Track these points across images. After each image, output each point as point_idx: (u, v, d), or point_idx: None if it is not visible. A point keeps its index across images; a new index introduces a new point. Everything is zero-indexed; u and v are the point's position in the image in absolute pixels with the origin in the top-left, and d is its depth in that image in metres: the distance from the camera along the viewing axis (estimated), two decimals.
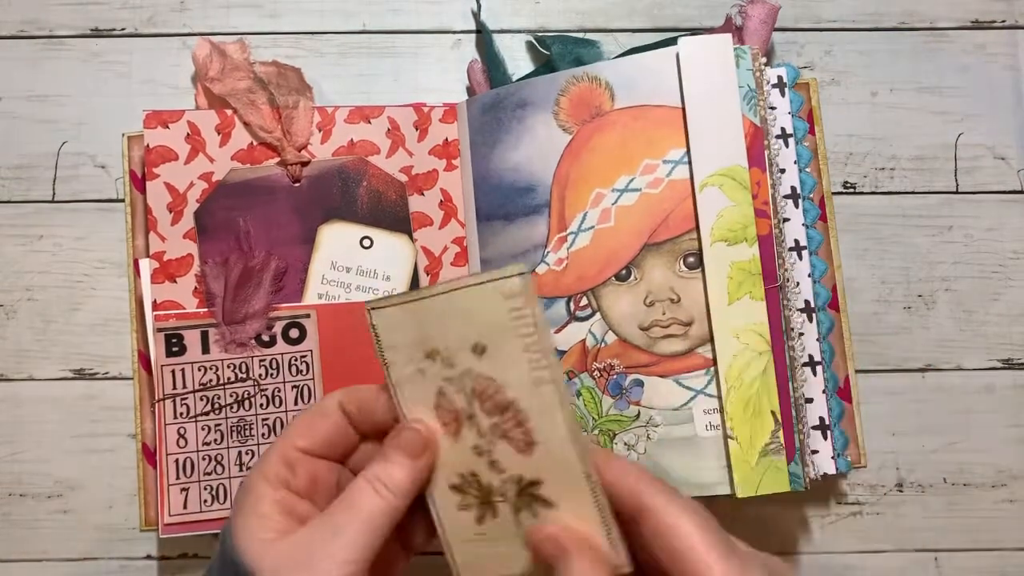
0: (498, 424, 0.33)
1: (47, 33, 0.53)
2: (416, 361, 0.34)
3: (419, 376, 0.34)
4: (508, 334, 0.32)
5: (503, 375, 0.32)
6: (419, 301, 0.33)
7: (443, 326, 0.33)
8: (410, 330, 0.34)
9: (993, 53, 0.53)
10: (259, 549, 0.33)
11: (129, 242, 0.50)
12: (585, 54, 0.51)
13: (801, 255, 0.49)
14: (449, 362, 0.33)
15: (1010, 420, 0.51)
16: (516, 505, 0.33)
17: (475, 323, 0.32)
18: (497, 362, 0.32)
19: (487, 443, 0.33)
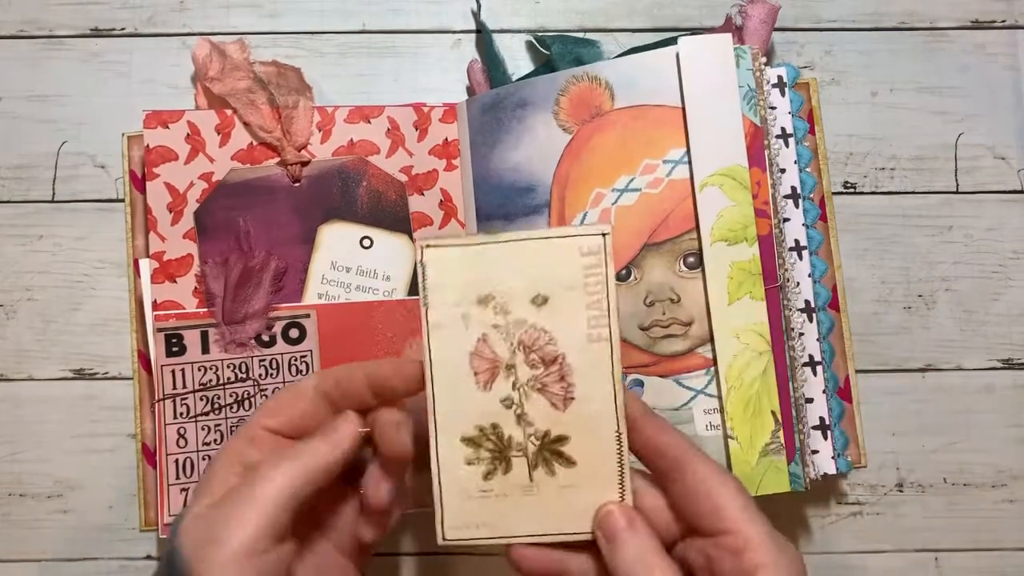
0: (538, 377, 0.34)
1: (47, 33, 0.53)
2: (464, 304, 0.34)
3: (461, 321, 0.34)
4: (576, 290, 0.33)
5: (559, 329, 0.34)
6: (484, 245, 0.34)
7: (506, 273, 0.34)
8: (465, 273, 0.34)
9: (993, 53, 0.53)
10: (187, 523, 0.33)
11: (129, 242, 0.50)
12: (585, 54, 0.51)
13: (801, 255, 0.49)
14: (503, 309, 0.34)
15: (1010, 420, 0.51)
16: (534, 460, 0.34)
17: (543, 275, 0.34)
18: (556, 315, 0.34)
19: (521, 396, 0.34)
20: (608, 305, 0.33)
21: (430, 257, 0.34)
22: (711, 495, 0.32)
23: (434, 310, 0.34)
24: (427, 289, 0.34)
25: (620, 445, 0.33)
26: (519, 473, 0.34)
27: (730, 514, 0.31)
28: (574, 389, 0.34)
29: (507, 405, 0.34)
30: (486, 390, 0.34)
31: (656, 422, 0.34)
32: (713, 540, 0.32)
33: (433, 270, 0.34)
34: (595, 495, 0.34)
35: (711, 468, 0.33)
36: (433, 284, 0.34)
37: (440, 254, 0.34)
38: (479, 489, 0.34)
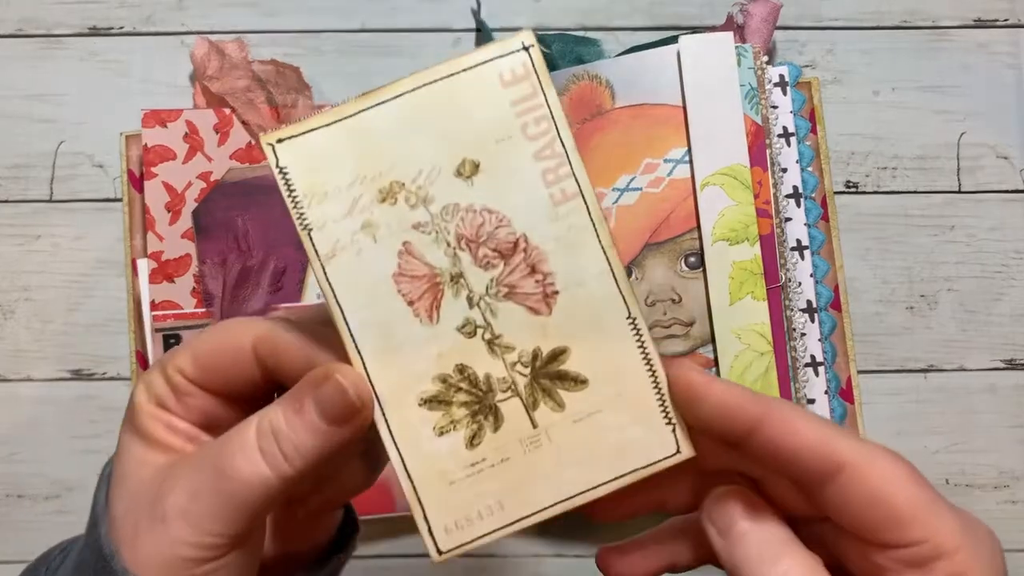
0: (500, 279, 0.25)
1: (45, 32, 0.53)
2: (360, 210, 0.24)
3: (365, 236, 0.24)
4: (512, 139, 0.24)
5: (507, 201, 0.24)
6: (362, 113, 0.24)
7: (408, 144, 0.24)
8: (348, 161, 0.24)
9: (995, 52, 0.53)
10: (115, 487, 0.26)
11: (127, 242, 0.50)
12: (585, 53, 0.51)
13: (803, 255, 0.48)
14: (420, 197, 0.24)
15: (1013, 421, 0.51)
16: (531, 397, 0.25)
17: (461, 131, 0.24)
18: (497, 183, 0.24)
19: (484, 313, 0.25)
20: (564, 145, 0.24)
21: (288, 156, 0.24)
22: (885, 502, 0.23)
23: (320, 232, 0.24)
24: (298, 204, 0.24)
25: (640, 335, 0.24)
26: (515, 421, 0.25)
27: (913, 521, 0.23)
28: (554, 278, 0.24)
29: (468, 333, 0.24)
30: (432, 322, 0.24)
31: (759, 404, 0.24)
32: (886, 552, 0.23)
33: (299, 172, 0.24)
34: (627, 415, 0.25)
35: (873, 458, 0.23)
36: (305, 192, 0.24)
37: (302, 146, 0.24)
38: (466, 465, 0.25)
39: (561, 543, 0.50)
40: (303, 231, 0.24)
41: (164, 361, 0.27)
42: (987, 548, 0.23)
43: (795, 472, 0.24)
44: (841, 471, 0.23)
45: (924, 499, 0.23)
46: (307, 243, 0.24)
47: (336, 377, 0.24)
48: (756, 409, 0.24)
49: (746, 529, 0.24)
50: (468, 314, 0.24)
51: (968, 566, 0.22)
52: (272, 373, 0.26)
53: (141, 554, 0.25)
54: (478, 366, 0.25)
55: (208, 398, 0.27)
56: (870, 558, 0.24)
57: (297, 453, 0.24)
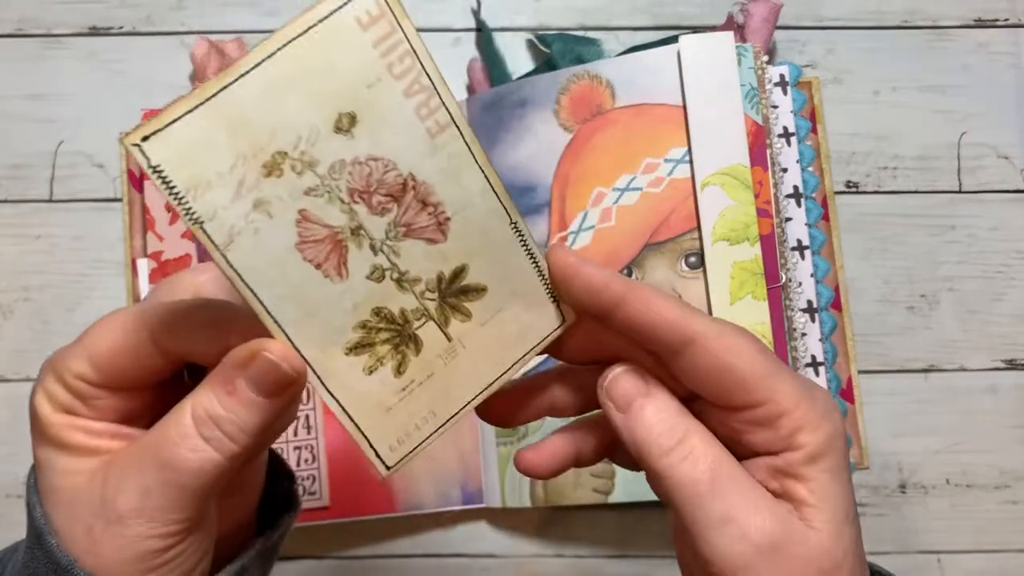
0: (396, 221, 0.25)
1: (45, 32, 0.53)
2: (248, 190, 0.23)
3: (260, 215, 0.24)
4: (381, 81, 0.24)
5: (387, 145, 0.25)
6: (225, 90, 0.23)
7: (280, 111, 0.23)
8: (221, 146, 0.23)
9: (996, 52, 0.53)
10: (48, 502, 0.27)
11: (127, 241, 0.50)
12: (586, 52, 0.51)
13: (804, 255, 0.48)
14: (305, 162, 0.24)
15: (1014, 421, 0.51)
16: (442, 317, 0.27)
17: (328, 86, 0.24)
18: (376, 130, 0.24)
19: (388, 255, 0.26)
20: (429, 77, 0.24)
21: (158, 152, 0.22)
22: (731, 369, 0.26)
23: (212, 223, 0.23)
24: (182, 200, 0.22)
25: (522, 236, 0.27)
26: (433, 341, 0.27)
27: (757, 385, 0.26)
28: (444, 207, 0.25)
29: (377, 278, 0.25)
30: (342, 278, 0.25)
31: (644, 295, 0.26)
32: (738, 415, 0.26)
33: (174, 166, 0.22)
34: (521, 306, 0.28)
35: (720, 332, 0.26)
36: (187, 186, 0.22)
37: (170, 139, 0.22)
38: (398, 390, 0.27)
39: (561, 543, 0.50)
40: (194, 226, 0.23)
41: (59, 368, 0.27)
42: (822, 404, 0.26)
43: (653, 345, 0.27)
44: (692, 343, 0.26)
45: (766, 366, 0.26)
46: (202, 237, 0.23)
47: (264, 354, 0.24)
48: (620, 287, 0.26)
49: (643, 403, 0.27)
50: (374, 261, 0.26)
51: (807, 419, 0.26)
52: (178, 357, 0.26)
53: (104, 558, 0.25)
54: (392, 304, 0.26)
55: (116, 396, 0.27)
56: (727, 423, 0.27)
57: (241, 432, 0.25)
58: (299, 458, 0.48)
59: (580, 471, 0.46)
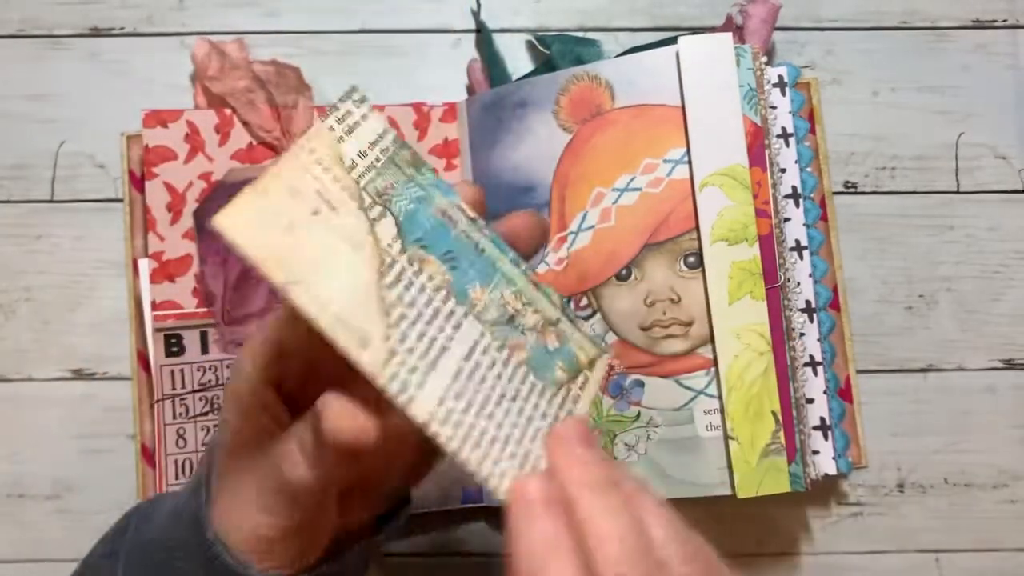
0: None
1: (46, 32, 0.53)
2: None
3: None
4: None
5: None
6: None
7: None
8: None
9: (994, 53, 0.53)
10: (219, 457, 0.31)
11: (128, 242, 0.50)
12: (585, 53, 0.51)
13: (802, 255, 0.48)
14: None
15: (1012, 421, 0.51)
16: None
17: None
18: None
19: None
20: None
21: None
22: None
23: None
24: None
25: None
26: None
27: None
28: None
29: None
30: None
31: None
32: None
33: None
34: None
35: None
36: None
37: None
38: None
39: None
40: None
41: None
42: None
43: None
44: None
45: None
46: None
47: (323, 417, 0.27)
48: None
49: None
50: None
51: None
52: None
53: (230, 525, 0.30)
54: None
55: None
56: None
57: (329, 462, 0.28)
58: None
59: None
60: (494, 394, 0.29)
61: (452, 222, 0.30)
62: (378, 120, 0.30)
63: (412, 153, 0.30)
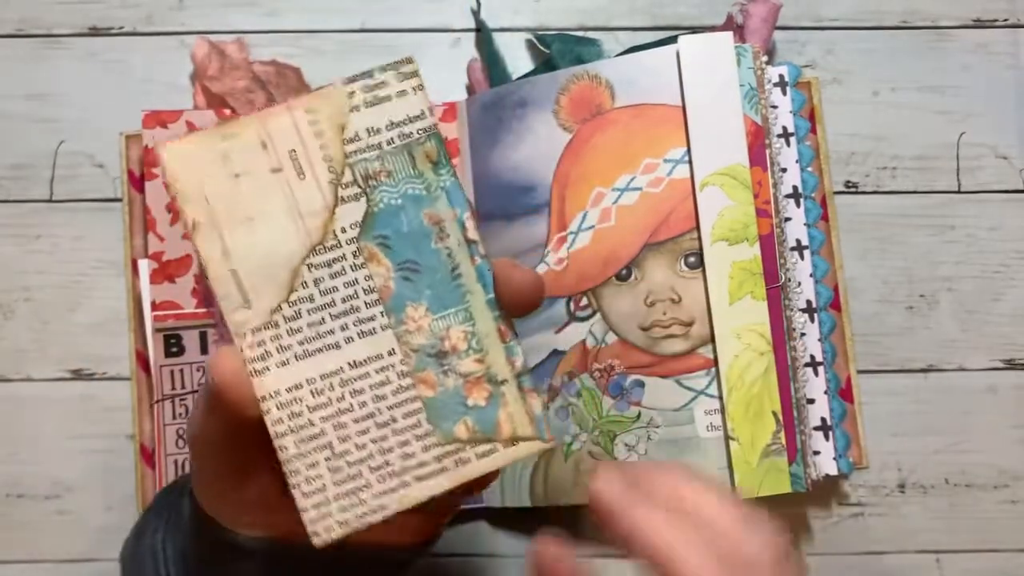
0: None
1: (45, 32, 0.53)
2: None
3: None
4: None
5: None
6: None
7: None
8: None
9: (995, 52, 0.53)
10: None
11: (127, 242, 0.50)
12: (585, 53, 0.51)
13: (803, 255, 0.48)
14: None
15: (1013, 421, 0.51)
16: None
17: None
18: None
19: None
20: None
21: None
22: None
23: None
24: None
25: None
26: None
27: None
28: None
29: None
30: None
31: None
32: None
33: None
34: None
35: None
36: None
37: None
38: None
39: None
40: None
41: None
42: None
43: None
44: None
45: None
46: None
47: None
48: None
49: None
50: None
51: None
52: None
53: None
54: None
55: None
56: None
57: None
58: None
59: (580, 470, 0.46)
60: (361, 411, 0.27)
61: (441, 234, 0.27)
62: (419, 101, 0.27)
63: (438, 150, 0.27)
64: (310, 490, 0.27)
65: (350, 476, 0.27)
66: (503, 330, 0.28)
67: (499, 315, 0.28)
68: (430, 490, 0.27)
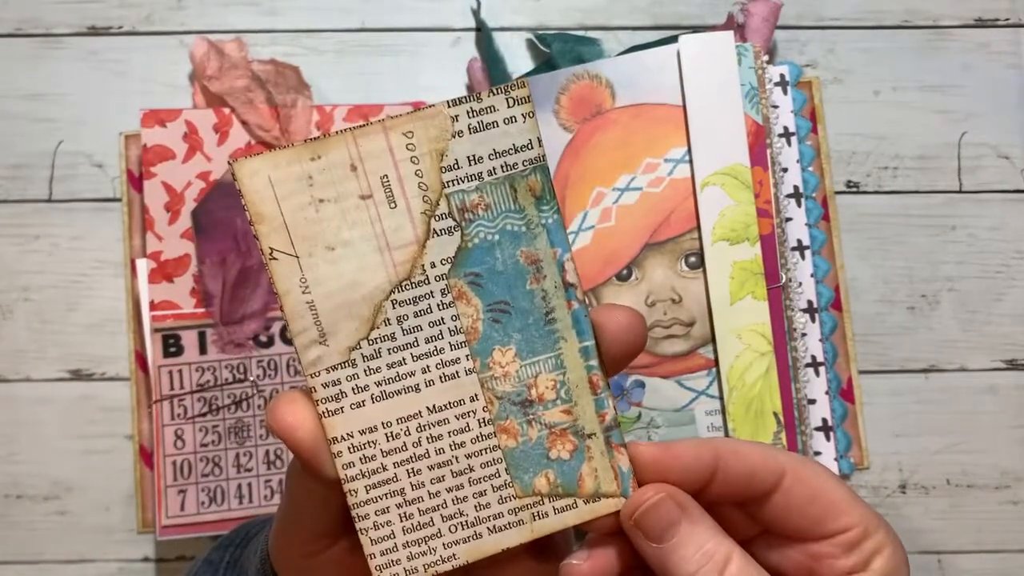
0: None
1: (44, 31, 0.53)
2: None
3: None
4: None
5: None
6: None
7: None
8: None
9: (996, 52, 0.53)
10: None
11: (126, 242, 0.50)
12: (586, 52, 0.51)
13: (804, 255, 0.48)
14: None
15: (1014, 421, 0.51)
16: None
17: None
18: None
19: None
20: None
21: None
22: (823, 494, 0.26)
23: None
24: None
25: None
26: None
27: (848, 510, 0.26)
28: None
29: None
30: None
31: (709, 447, 0.26)
32: (825, 542, 0.26)
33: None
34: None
35: (803, 461, 0.27)
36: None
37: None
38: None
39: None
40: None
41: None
42: (892, 529, 0.27)
43: (751, 492, 0.26)
44: (784, 476, 0.26)
45: (849, 492, 0.27)
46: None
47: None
48: (709, 453, 0.26)
49: (688, 531, 0.25)
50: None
51: (886, 541, 0.26)
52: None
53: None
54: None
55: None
56: (808, 551, 0.27)
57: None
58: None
59: None
60: (437, 457, 0.25)
61: (537, 275, 0.25)
62: (527, 129, 0.25)
63: (543, 184, 0.25)
64: (378, 536, 0.25)
65: (421, 524, 0.26)
66: (595, 381, 0.26)
67: (593, 364, 0.26)
68: (504, 543, 0.26)
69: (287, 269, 0.24)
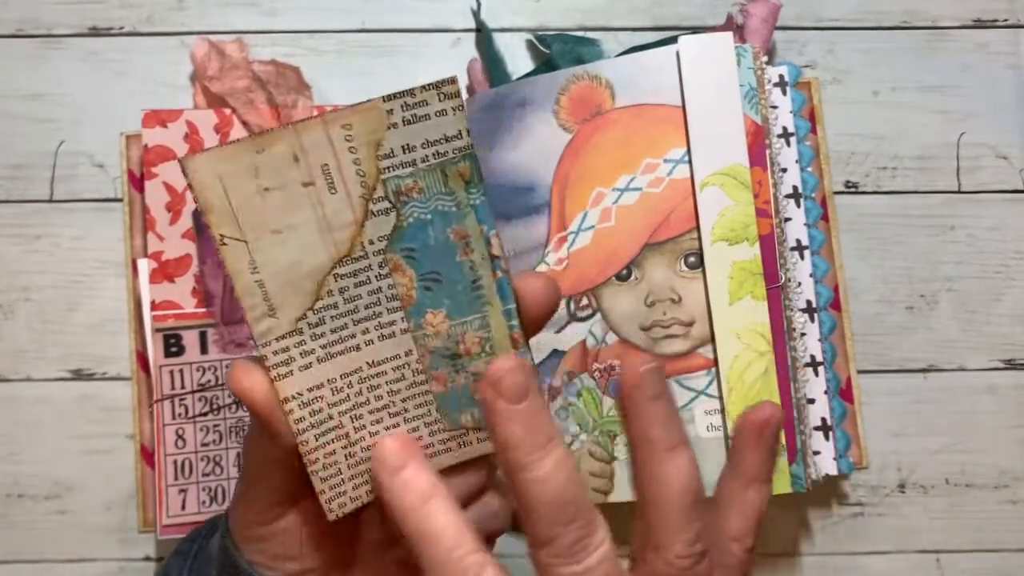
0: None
1: (45, 32, 0.53)
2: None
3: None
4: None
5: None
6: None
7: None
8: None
9: (995, 52, 0.53)
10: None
11: (127, 242, 0.50)
12: (585, 53, 0.51)
13: (803, 255, 0.48)
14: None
15: (1013, 421, 0.51)
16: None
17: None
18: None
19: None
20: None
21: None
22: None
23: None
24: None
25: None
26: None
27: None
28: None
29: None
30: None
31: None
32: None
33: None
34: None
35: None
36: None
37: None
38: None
39: None
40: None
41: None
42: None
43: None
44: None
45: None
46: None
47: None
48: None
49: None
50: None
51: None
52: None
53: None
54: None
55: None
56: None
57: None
58: None
59: (580, 470, 0.46)
60: (377, 403, 0.28)
61: (466, 249, 0.28)
62: (456, 121, 0.27)
63: (472, 169, 0.27)
64: (327, 475, 0.28)
65: (363, 459, 0.28)
66: (516, 337, 0.29)
67: (515, 324, 0.28)
68: (436, 466, 0.29)
69: (237, 253, 0.26)
